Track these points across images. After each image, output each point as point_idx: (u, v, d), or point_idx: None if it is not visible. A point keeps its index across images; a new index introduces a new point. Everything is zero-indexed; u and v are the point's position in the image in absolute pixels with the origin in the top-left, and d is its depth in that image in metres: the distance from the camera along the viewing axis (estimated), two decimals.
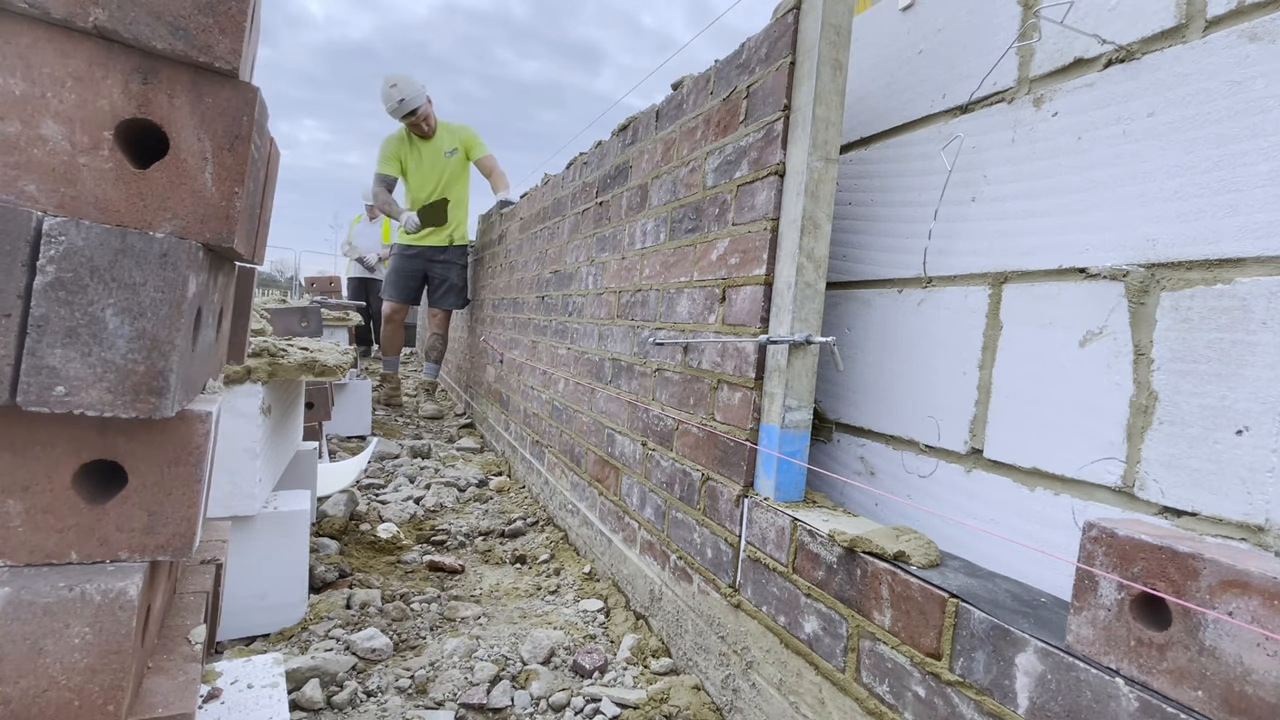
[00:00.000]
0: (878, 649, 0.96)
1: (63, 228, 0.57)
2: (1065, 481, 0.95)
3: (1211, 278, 0.80)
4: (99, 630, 0.62)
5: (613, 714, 1.29)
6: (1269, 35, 0.77)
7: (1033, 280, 1.01)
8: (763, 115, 1.36)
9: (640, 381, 1.83)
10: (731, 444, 1.36)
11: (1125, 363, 0.88)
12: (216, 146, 0.64)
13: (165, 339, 0.61)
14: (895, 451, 1.25)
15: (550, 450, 2.59)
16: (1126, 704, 0.65)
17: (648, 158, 1.94)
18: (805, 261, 1.23)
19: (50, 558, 0.63)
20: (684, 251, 1.65)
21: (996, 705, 0.78)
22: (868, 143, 1.38)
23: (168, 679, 0.72)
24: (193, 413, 0.67)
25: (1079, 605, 0.70)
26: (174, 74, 0.62)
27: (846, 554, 1.02)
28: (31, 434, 0.61)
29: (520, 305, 3.37)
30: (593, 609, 1.75)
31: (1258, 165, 0.77)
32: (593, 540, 2.05)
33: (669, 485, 1.62)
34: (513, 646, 1.51)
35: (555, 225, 2.89)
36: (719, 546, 1.38)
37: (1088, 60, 0.96)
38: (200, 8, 0.61)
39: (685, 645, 1.48)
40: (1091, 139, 0.94)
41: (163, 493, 0.66)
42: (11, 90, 0.57)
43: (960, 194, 1.14)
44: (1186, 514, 0.81)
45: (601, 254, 2.25)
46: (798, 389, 1.24)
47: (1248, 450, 0.76)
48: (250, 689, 0.87)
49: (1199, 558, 0.61)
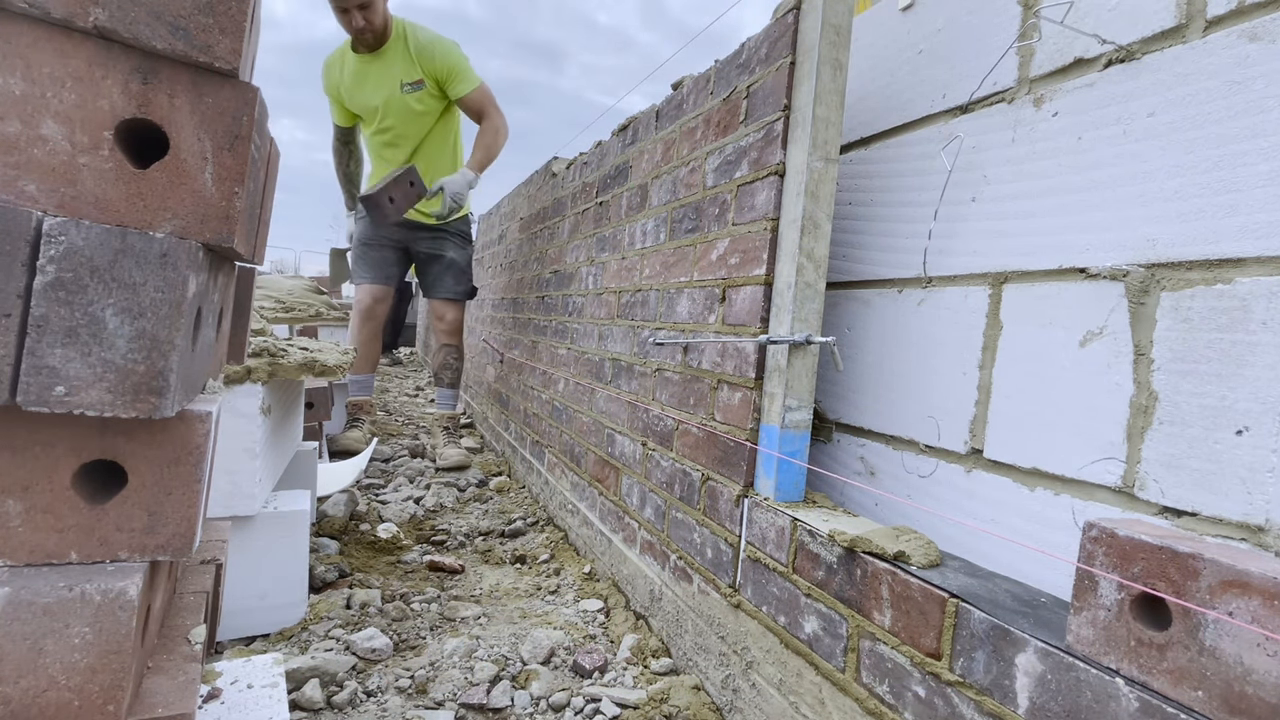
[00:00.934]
0: (878, 649, 0.96)
1: (63, 228, 0.57)
2: (1065, 481, 0.95)
3: (1211, 278, 0.80)
4: (99, 630, 0.62)
5: (613, 714, 1.29)
6: (1269, 35, 0.77)
7: (1033, 280, 1.01)
8: (763, 115, 1.36)
9: (640, 381, 1.83)
10: (731, 444, 1.36)
11: (1125, 363, 0.88)
12: (216, 146, 0.64)
13: (165, 339, 0.61)
14: (895, 451, 1.25)
15: (550, 450, 2.59)
16: (1126, 704, 0.65)
17: (648, 158, 1.94)
18: (805, 261, 1.23)
19: (50, 558, 0.63)
20: (684, 251, 1.65)
21: (996, 705, 0.78)
22: (868, 143, 1.38)
23: (168, 679, 0.72)
24: (193, 413, 0.67)
25: (1079, 605, 0.70)
26: (174, 74, 0.62)
27: (846, 554, 1.02)
28: (31, 434, 0.61)
29: (520, 305, 3.36)
30: (593, 609, 1.75)
31: (1258, 165, 0.77)
32: (593, 540, 2.05)
33: (669, 485, 1.62)
34: (513, 646, 1.51)
35: (555, 225, 2.89)
36: (719, 546, 1.38)
37: (1088, 60, 0.96)
38: (200, 7, 0.61)
39: (685, 645, 1.48)
40: (1092, 139, 0.94)
41: (163, 493, 0.65)
42: (11, 90, 0.57)
43: (960, 194, 1.14)
44: (1186, 514, 0.81)
45: (601, 254, 2.25)
46: (798, 389, 1.24)
47: (1248, 450, 0.76)
48: (250, 689, 0.87)
49: (1199, 558, 0.61)
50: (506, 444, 3.30)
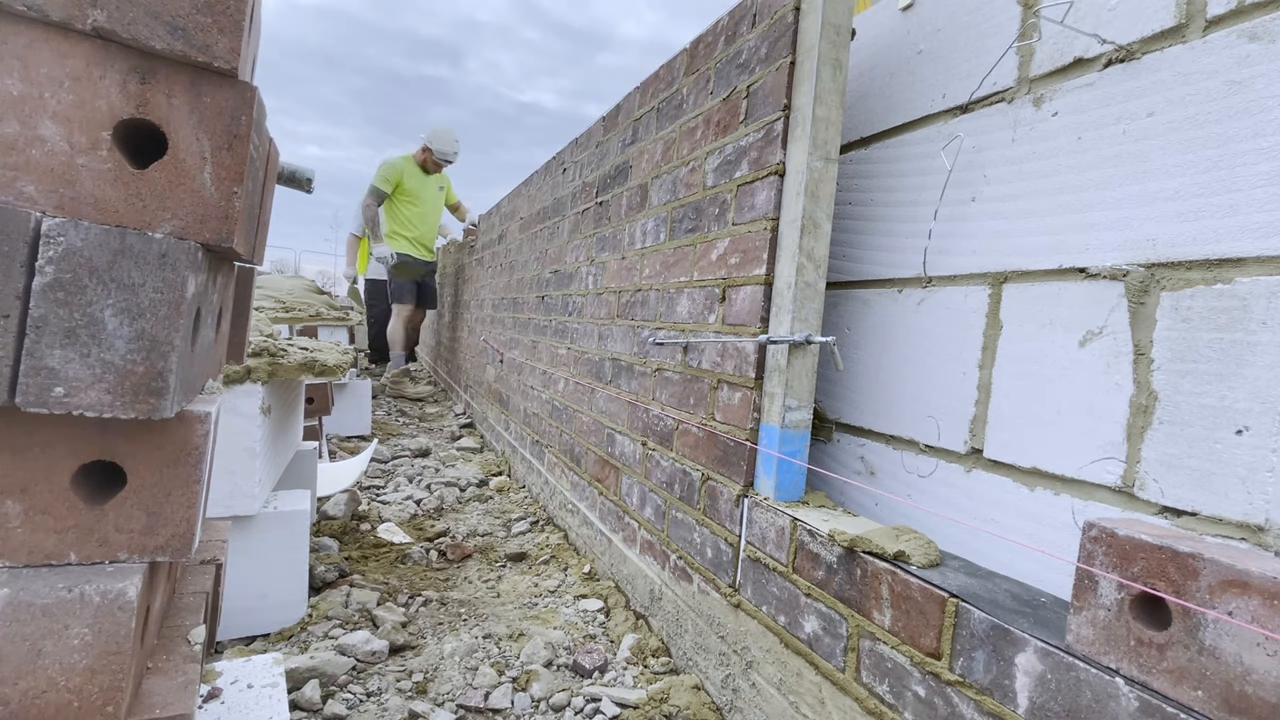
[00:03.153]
0: (878, 649, 0.96)
1: (61, 228, 0.57)
2: (1065, 481, 0.95)
3: (1211, 278, 0.80)
4: (98, 631, 0.62)
5: (613, 714, 1.29)
6: (1269, 35, 0.77)
7: (1033, 280, 1.01)
8: (763, 115, 1.36)
9: (640, 381, 1.83)
10: (731, 444, 1.36)
11: (1125, 363, 0.88)
12: (215, 146, 0.64)
13: (164, 339, 0.61)
14: (895, 451, 1.25)
15: (550, 450, 2.59)
16: (1126, 704, 0.65)
17: (647, 157, 1.94)
18: (805, 261, 1.23)
19: (49, 559, 0.63)
20: (684, 251, 1.65)
21: (996, 705, 0.78)
22: (868, 143, 1.38)
23: (167, 679, 0.72)
24: (192, 413, 0.67)
25: (1079, 605, 0.70)
26: (172, 74, 0.62)
27: (846, 554, 1.02)
28: (30, 435, 0.61)
29: (520, 305, 3.36)
30: (593, 609, 1.75)
31: (1258, 165, 0.77)
32: (593, 540, 2.05)
33: (669, 485, 1.62)
34: (513, 647, 1.51)
35: (555, 225, 2.89)
36: (719, 546, 1.38)
37: (1088, 60, 0.96)
38: (199, 7, 0.61)
39: (685, 645, 1.48)
40: (1091, 139, 0.94)
41: (162, 493, 0.65)
42: (9, 91, 0.57)
43: (960, 194, 1.14)
44: (1186, 514, 0.81)
45: (601, 254, 2.24)
46: (798, 389, 1.24)
47: (1248, 450, 0.76)
48: (250, 689, 0.87)
49: (1199, 557, 0.61)
50: (506, 444, 3.30)
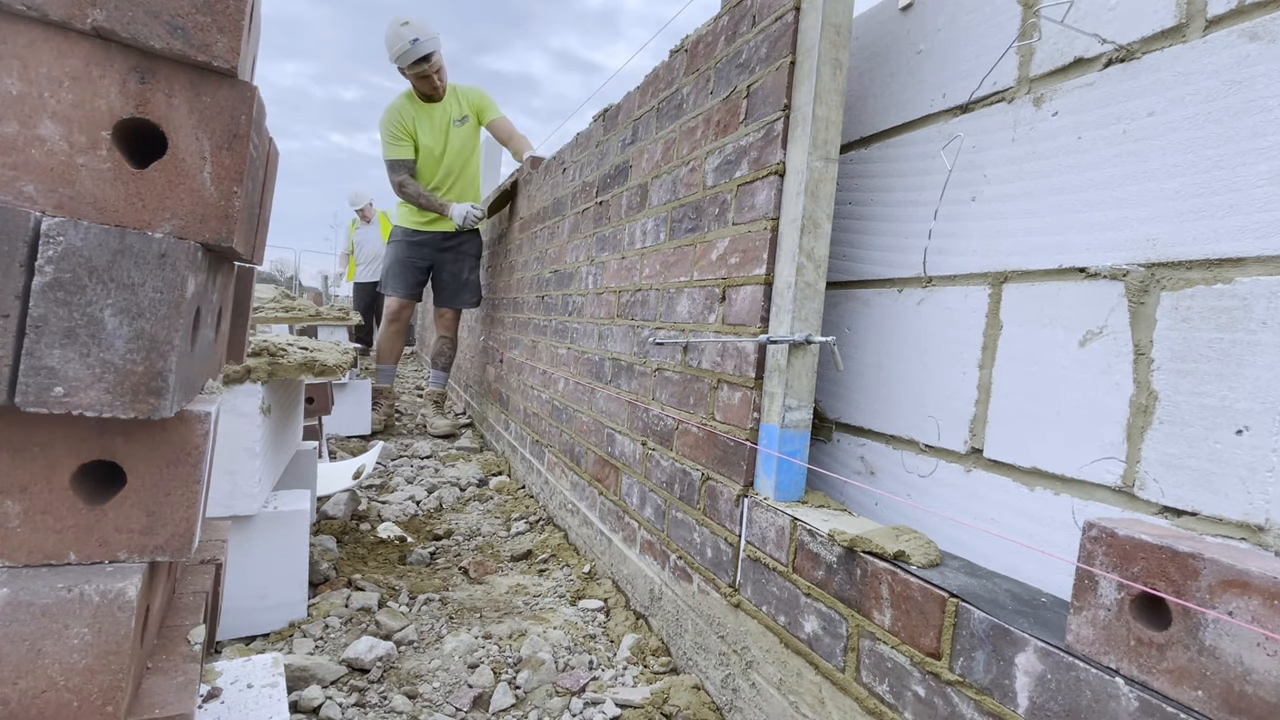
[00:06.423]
0: (878, 649, 0.96)
1: (61, 228, 0.57)
2: (1065, 481, 0.95)
3: (1211, 277, 0.80)
4: (98, 631, 0.62)
5: (613, 714, 1.29)
6: (1269, 35, 0.77)
7: (1033, 280, 1.01)
8: (763, 115, 1.36)
9: (640, 381, 1.82)
10: (731, 443, 1.36)
11: (1125, 362, 0.88)
12: (215, 146, 0.64)
13: (164, 339, 0.61)
14: (895, 451, 1.25)
15: (550, 450, 2.59)
16: (1126, 704, 0.65)
17: (647, 157, 1.94)
18: (805, 261, 1.22)
19: (49, 558, 0.63)
20: (684, 251, 1.65)
21: (996, 705, 0.78)
22: (868, 143, 1.38)
23: (167, 679, 0.72)
24: (192, 413, 0.67)
25: (1079, 605, 0.70)
26: (172, 73, 0.62)
27: (846, 553, 1.02)
28: (30, 434, 0.61)
29: (520, 305, 3.36)
30: (593, 608, 1.75)
31: (1258, 165, 0.77)
32: (593, 540, 2.05)
33: (669, 485, 1.62)
34: (512, 646, 1.51)
35: (555, 225, 2.89)
36: (719, 546, 1.38)
37: (1088, 60, 0.96)
38: (198, 6, 0.61)
39: (685, 645, 1.48)
40: (1091, 139, 0.94)
41: (162, 493, 0.65)
42: (9, 90, 0.57)
43: (960, 194, 1.14)
44: (1186, 514, 0.81)
45: (601, 253, 2.24)
46: (798, 389, 1.24)
47: (1248, 450, 0.76)
48: (250, 689, 0.87)
49: (1199, 557, 0.61)
50: (506, 444, 3.30)
